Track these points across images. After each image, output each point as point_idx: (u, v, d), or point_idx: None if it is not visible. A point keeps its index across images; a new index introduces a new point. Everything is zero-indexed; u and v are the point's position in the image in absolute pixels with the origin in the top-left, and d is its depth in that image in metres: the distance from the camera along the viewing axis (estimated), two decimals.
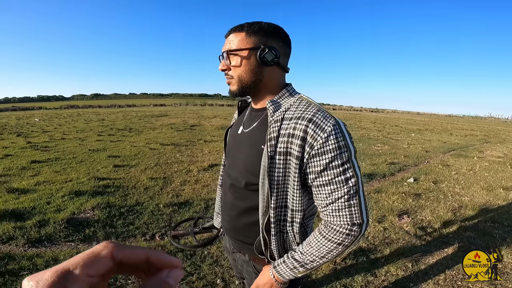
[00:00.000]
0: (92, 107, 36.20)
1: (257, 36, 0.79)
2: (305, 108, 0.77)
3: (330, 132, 0.71)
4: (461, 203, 3.69)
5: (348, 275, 2.14)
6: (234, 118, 1.11)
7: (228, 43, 0.81)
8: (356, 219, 0.73)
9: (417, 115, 50.42)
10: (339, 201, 0.73)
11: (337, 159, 0.71)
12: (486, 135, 13.82)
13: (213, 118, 16.23)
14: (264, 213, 0.82)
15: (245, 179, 0.86)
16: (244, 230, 0.93)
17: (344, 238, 0.74)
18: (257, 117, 0.89)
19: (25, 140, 7.56)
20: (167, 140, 7.78)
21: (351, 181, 0.72)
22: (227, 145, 1.03)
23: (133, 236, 2.62)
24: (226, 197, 0.98)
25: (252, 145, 0.85)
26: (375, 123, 17.74)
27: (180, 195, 3.66)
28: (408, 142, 9.10)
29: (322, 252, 0.76)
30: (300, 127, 0.73)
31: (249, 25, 0.79)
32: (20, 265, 2.11)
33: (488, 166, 6.02)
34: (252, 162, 0.83)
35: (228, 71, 0.83)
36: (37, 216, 2.88)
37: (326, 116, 0.74)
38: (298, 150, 0.73)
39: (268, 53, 0.78)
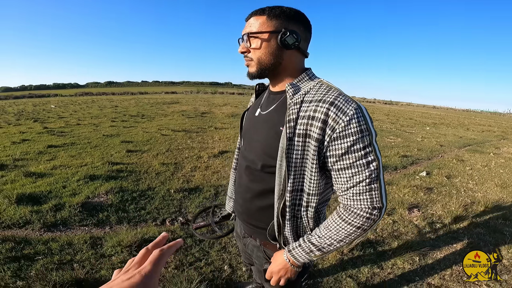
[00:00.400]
0: (106, 94, 36.81)
1: (278, 20, 0.79)
2: (326, 91, 0.76)
3: (352, 116, 0.70)
4: (473, 199, 3.62)
5: (354, 266, 2.15)
6: (251, 102, 1.11)
7: (249, 26, 0.82)
8: (377, 203, 0.73)
9: (433, 109, 48.97)
10: (361, 184, 0.72)
11: (358, 143, 0.71)
12: (504, 131, 13.33)
13: (224, 106, 16.23)
14: (280, 196, 0.82)
15: (262, 161, 0.87)
16: (257, 213, 0.93)
17: (364, 222, 0.74)
18: (276, 99, 0.89)
19: (42, 126, 7.80)
20: (178, 127, 7.87)
21: (372, 164, 0.72)
22: (244, 127, 1.03)
23: (144, 221, 2.70)
24: (241, 179, 0.98)
25: (270, 127, 0.85)
26: (388, 115, 17.36)
27: (191, 181, 3.73)
28: (422, 136, 8.90)
29: (340, 236, 0.77)
30: (321, 110, 0.72)
31: (271, 8, 0.80)
32: (36, 249, 2.16)
33: (504, 163, 5.84)
34: (270, 144, 0.83)
35: (248, 53, 0.84)
36: (53, 200, 2.97)
37: (348, 100, 0.73)
38: (319, 132, 0.72)
39: (289, 36, 0.78)
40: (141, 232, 2.42)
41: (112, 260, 2.09)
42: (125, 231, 2.45)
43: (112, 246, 2.22)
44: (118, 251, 2.18)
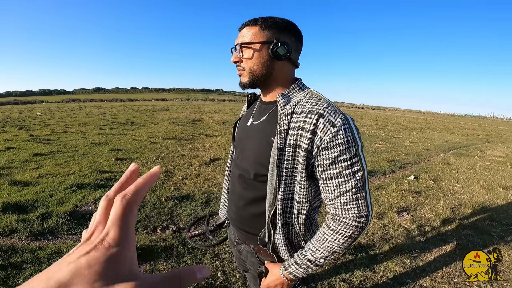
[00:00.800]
0: (94, 101, 36.21)
1: (270, 31, 0.81)
2: (315, 102, 0.79)
3: (340, 127, 0.73)
4: (460, 202, 3.71)
5: (347, 270, 2.17)
6: (243, 111, 1.12)
7: (242, 36, 0.83)
8: (363, 211, 0.76)
9: (419, 114, 50.21)
10: (347, 194, 0.75)
11: (345, 153, 0.73)
12: (487, 134, 13.78)
13: (215, 113, 16.22)
14: (271, 204, 0.83)
15: (254, 170, 0.88)
16: (250, 220, 0.95)
17: (354, 230, 0.77)
18: (267, 110, 0.91)
19: (27, 133, 7.60)
20: (169, 134, 7.80)
21: (358, 174, 0.74)
22: (236, 136, 1.04)
23: (135, 229, 2.65)
24: (234, 187, 1.00)
25: (262, 137, 0.87)
26: (376, 121, 17.70)
27: (182, 188, 3.69)
28: (409, 140, 9.10)
29: (333, 247, 0.79)
30: (310, 121, 0.75)
31: (263, 19, 0.81)
32: (23, 258, 2.12)
33: (488, 166, 6.03)
34: (262, 154, 0.85)
35: (240, 63, 0.86)
36: (40, 209, 2.90)
37: (336, 111, 0.76)
38: (308, 143, 0.75)
39: (280, 47, 0.80)
40: None
41: None
42: None
43: None
44: None
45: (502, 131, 17.66)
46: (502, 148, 9.06)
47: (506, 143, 10.47)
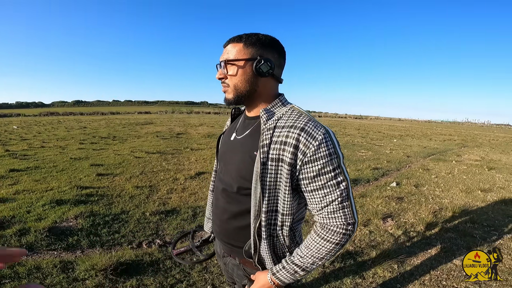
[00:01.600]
0: (74, 114, 35.16)
1: (254, 48, 0.83)
2: (296, 117, 0.81)
3: (321, 140, 0.75)
4: (441, 205, 3.83)
5: (337, 278, 2.17)
6: (226, 125, 1.14)
7: (226, 53, 0.85)
8: (350, 219, 0.78)
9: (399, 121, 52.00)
10: (333, 203, 0.77)
11: (328, 165, 0.76)
12: (463, 139, 14.45)
13: (200, 126, 16.14)
14: (256, 217, 0.84)
15: (237, 184, 0.89)
16: (235, 233, 0.95)
17: (342, 238, 0.78)
18: (250, 124, 0.92)
19: (3, 148, 7.25)
20: (153, 149, 7.66)
21: (342, 184, 0.77)
22: (220, 150, 1.05)
23: (119, 244, 2.56)
24: (218, 201, 1.00)
25: (245, 151, 0.88)
26: (359, 130, 18.18)
27: (167, 203, 3.61)
28: (390, 148, 9.38)
29: (321, 253, 0.80)
30: (292, 135, 0.77)
31: (247, 36, 0.83)
32: (2, 273, 2.03)
33: (466, 169, 6.29)
34: (245, 168, 0.86)
35: (225, 80, 0.87)
36: (17, 225, 2.77)
37: (317, 125, 0.79)
38: (291, 157, 0.76)
39: (263, 64, 0.82)
40: (116, 255, 2.29)
41: (86, 283, 1.98)
42: (98, 254, 2.33)
43: (85, 270, 2.10)
44: (92, 275, 2.06)
45: (477, 135, 18.58)
46: (478, 152, 9.51)
47: (482, 147, 11.01)
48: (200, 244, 1.23)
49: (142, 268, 2.20)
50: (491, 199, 4.16)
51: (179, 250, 1.23)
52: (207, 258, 1.23)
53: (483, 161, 7.51)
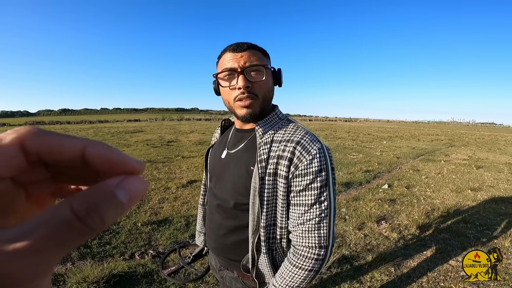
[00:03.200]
0: (60, 123, 34.39)
1: (267, 58, 0.83)
2: (293, 131, 0.80)
3: (315, 155, 0.74)
4: (433, 206, 3.87)
5: (334, 283, 2.15)
6: (215, 137, 1.10)
7: (249, 59, 0.77)
8: (324, 242, 0.75)
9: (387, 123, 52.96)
10: (310, 222, 0.75)
11: (316, 182, 0.74)
12: (450, 139, 14.79)
13: (191, 133, 16.01)
14: (254, 232, 0.82)
15: (234, 200, 0.86)
16: (232, 248, 0.92)
17: (314, 264, 0.76)
18: (244, 138, 0.90)
19: None
20: (143, 157, 7.54)
21: (324, 204, 0.75)
22: (211, 165, 1.01)
23: (111, 255, 2.48)
24: (212, 216, 0.97)
25: (240, 166, 0.85)
26: (349, 132, 18.38)
27: (159, 213, 3.53)
28: (380, 150, 9.50)
29: (296, 282, 0.77)
30: (288, 149, 0.76)
31: (257, 46, 0.81)
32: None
33: (455, 169, 6.41)
34: (241, 183, 0.84)
35: (251, 88, 0.78)
36: None
37: (313, 139, 0.77)
38: (286, 170, 0.75)
39: (281, 75, 0.83)
40: (108, 267, 2.22)
41: None
42: (89, 266, 2.25)
43: (77, 283, 2.03)
44: (84, 287, 1.97)
45: (463, 134, 19.06)
46: (465, 151, 9.73)
47: (469, 146, 11.27)
48: (191, 260, 1.19)
49: (135, 280, 2.13)
50: (482, 198, 4.24)
51: (170, 269, 1.19)
52: (202, 274, 1.19)
53: (471, 160, 7.67)
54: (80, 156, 0.14)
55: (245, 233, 0.87)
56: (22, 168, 0.14)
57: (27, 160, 0.14)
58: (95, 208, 0.13)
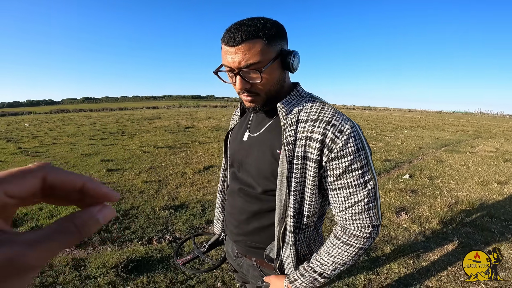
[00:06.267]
0: (83, 111, 35.65)
1: (276, 41, 0.70)
2: (320, 109, 0.74)
3: (349, 135, 0.69)
4: (457, 199, 3.72)
5: (350, 274, 2.12)
6: (234, 120, 1.04)
7: (243, 57, 0.67)
8: (375, 221, 0.73)
9: (409, 112, 51.06)
10: (359, 204, 0.71)
11: (356, 162, 0.69)
12: (477, 130, 14.05)
13: (207, 120, 16.13)
14: (281, 221, 0.78)
15: (259, 185, 0.82)
16: (254, 234, 0.89)
17: (366, 242, 0.73)
18: (266, 119, 0.84)
19: (15, 146, 7.39)
20: (161, 143, 7.68)
21: (369, 184, 0.71)
22: (231, 149, 0.96)
23: (130, 240, 2.56)
24: (234, 201, 0.93)
25: (265, 149, 0.80)
26: (368, 121, 17.88)
27: (176, 197, 3.60)
28: (401, 139, 9.18)
29: (344, 259, 0.75)
30: (318, 130, 0.70)
31: (263, 28, 0.67)
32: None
33: (481, 161, 6.10)
34: (267, 167, 0.79)
35: (251, 88, 0.73)
36: (30, 223, 2.81)
37: (344, 118, 0.72)
38: (317, 153, 0.70)
39: (294, 59, 0.73)
40: (126, 252, 2.30)
41: (98, 281, 1.98)
42: (109, 251, 2.33)
43: (97, 267, 2.11)
44: (104, 272, 2.06)
45: (491, 126, 18.05)
46: (492, 143, 9.22)
47: (496, 138, 10.67)
48: (207, 249, 1.17)
49: (152, 265, 2.19)
50: (508, 192, 4.01)
51: (185, 259, 1.17)
52: (218, 265, 1.17)
53: (498, 153, 7.27)
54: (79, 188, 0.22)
55: (267, 218, 0.83)
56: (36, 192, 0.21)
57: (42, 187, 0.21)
58: (86, 225, 0.21)
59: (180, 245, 1.27)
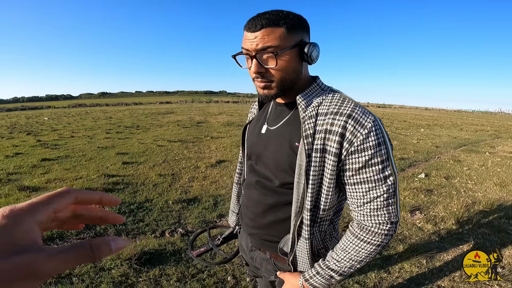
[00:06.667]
0: (100, 106, 36.58)
1: (297, 31, 0.71)
2: (340, 102, 0.73)
3: (371, 129, 0.68)
4: (474, 199, 3.61)
5: (361, 272, 2.11)
6: (253, 113, 1.05)
7: (262, 40, 0.69)
8: (394, 218, 0.71)
9: (426, 110, 49.64)
10: (378, 199, 0.70)
11: (376, 157, 0.68)
12: (497, 130, 13.53)
13: (219, 115, 16.23)
14: (297, 214, 0.78)
15: (278, 179, 0.82)
16: (269, 227, 0.89)
17: (384, 239, 0.72)
18: (285, 112, 0.84)
19: (35, 139, 7.67)
20: (174, 137, 7.81)
21: (389, 179, 0.69)
22: (249, 141, 0.96)
23: (143, 233, 2.63)
24: (251, 194, 0.93)
25: (283, 142, 0.80)
26: (383, 118, 17.51)
27: (189, 191, 3.67)
28: (417, 138, 8.96)
29: (361, 256, 0.74)
30: (338, 123, 0.69)
31: (286, 18, 0.69)
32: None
33: (500, 162, 5.88)
34: (285, 160, 0.79)
35: (265, 74, 0.73)
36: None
37: (365, 112, 0.71)
38: (336, 146, 0.69)
39: (314, 50, 0.73)
40: (140, 244, 2.35)
41: (112, 273, 2.03)
42: None
43: (112, 260, 2.16)
44: (118, 264, 2.12)
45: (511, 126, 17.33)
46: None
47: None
48: (221, 242, 1.18)
49: (164, 258, 2.24)
50: None
51: (199, 250, 1.18)
52: (231, 258, 1.17)
53: None
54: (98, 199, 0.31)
55: (284, 212, 0.84)
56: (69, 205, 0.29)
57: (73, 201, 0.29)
58: (100, 247, 0.24)
59: (195, 237, 1.29)
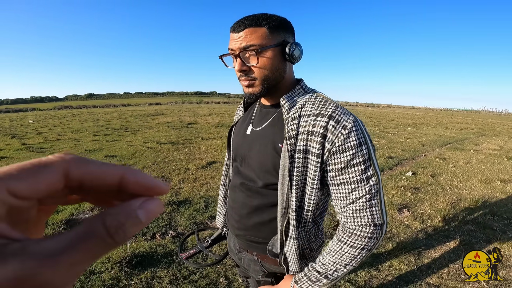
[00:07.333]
0: (87, 107, 35.83)
1: (279, 31, 0.74)
2: (322, 104, 0.75)
3: (351, 129, 0.69)
4: (459, 196, 3.71)
5: (351, 271, 2.14)
6: (237, 115, 1.06)
7: (245, 40, 0.72)
8: (378, 220, 0.71)
9: (413, 110, 50.71)
10: (360, 200, 0.71)
11: (358, 157, 0.69)
12: (481, 128, 13.94)
13: (210, 116, 16.15)
14: (283, 214, 0.79)
15: (262, 179, 0.83)
16: (255, 229, 0.90)
17: (367, 242, 0.72)
18: (269, 114, 0.86)
19: (20, 142, 7.46)
20: (164, 139, 7.72)
21: (372, 180, 0.70)
22: (234, 143, 0.98)
23: (133, 236, 2.59)
24: (235, 195, 0.94)
25: (267, 143, 0.82)
26: (371, 118, 17.80)
27: (179, 193, 3.63)
28: (404, 136, 9.14)
29: (345, 260, 0.74)
30: (319, 124, 0.70)
31: (268, 18, 0.73)
32: None
33: (484, 159, 6.07)
34: (268, 161, 0.80)
35: (248, 72, 0.76)
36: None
37: (346, 112, 0.72)
38: (318, 147, 0.70)
39: (296, 49, 0.75)
40: (131, 247, 2.32)
41: (102, 276, 2.00)
42: None
43: (102, 263, 2.13)
44: (108, 268, 2.08)
45: (495, 124, 17.89)
46: (496, 141, 9.15)
47: (500, 136, 10.59)
48: (210, 244, 1.19)
49: (156, 260, 2.22)
50: (511, 190, 4.00)
51: (188, 253, 1.19)
52: (220, 259, 1.18)
53: (502, 151, 7.22)
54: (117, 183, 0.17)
55: (268, 213, 0.84)
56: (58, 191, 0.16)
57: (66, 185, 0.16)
58: (121, 226, 0.15)
59: (184, 239, 1.28)
